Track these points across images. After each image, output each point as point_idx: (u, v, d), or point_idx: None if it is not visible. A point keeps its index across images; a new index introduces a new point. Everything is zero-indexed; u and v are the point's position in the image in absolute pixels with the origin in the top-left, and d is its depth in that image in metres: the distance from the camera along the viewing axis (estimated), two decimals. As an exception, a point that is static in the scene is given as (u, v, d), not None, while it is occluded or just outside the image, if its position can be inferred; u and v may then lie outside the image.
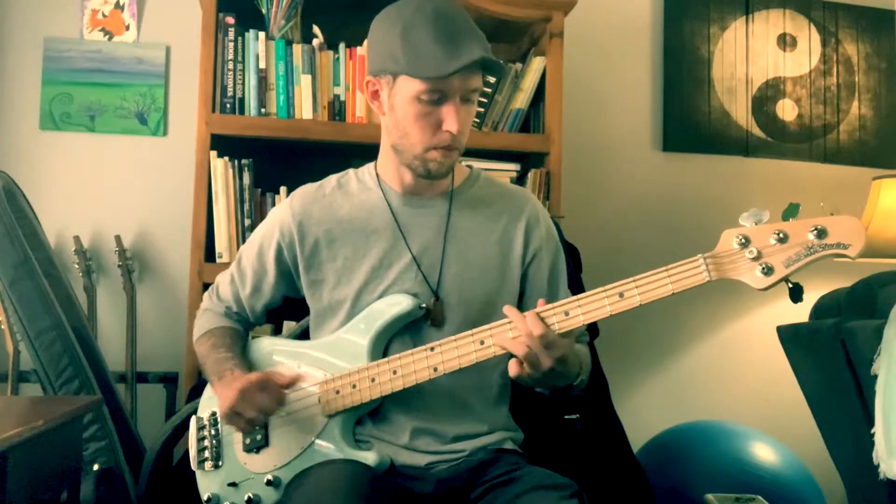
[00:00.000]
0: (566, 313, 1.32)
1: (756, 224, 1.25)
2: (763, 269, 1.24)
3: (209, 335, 1.58)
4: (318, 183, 1.58)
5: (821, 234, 1.22)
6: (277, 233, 1.54)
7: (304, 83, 2.29)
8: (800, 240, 1.23)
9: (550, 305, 1.33)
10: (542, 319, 1.31)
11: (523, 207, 1.55)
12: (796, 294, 1.24)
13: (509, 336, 1.33)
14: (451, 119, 1.38)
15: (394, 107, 1.42)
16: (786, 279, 1.24)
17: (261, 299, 1.60)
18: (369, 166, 1.58)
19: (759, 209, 1.26)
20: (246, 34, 2.28)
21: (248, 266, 1.59)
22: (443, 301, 1.47)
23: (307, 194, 1.56)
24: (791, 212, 1.25)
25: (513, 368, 1.32)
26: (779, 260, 1.24)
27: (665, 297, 1.28)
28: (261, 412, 1.39)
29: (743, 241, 1.25)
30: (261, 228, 1.59)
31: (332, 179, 1.59)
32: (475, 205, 1.54)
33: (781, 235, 1.24)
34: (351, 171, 1.59)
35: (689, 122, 2.95)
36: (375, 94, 1.46)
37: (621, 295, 1.29)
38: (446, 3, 1.41)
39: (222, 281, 1.64)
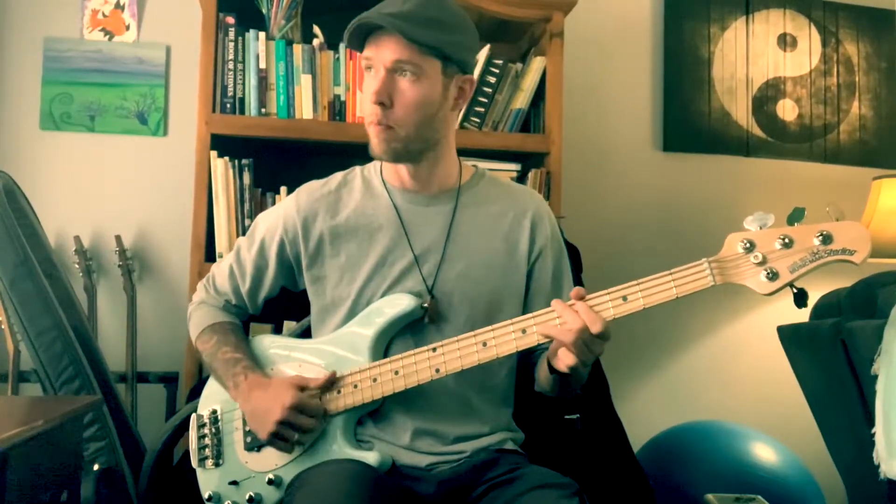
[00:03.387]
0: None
1: (761, 228, 1.25)
2: (768, 273, 1.24)
3: (211, 331, 1.56)
4: (324, 180, 1.58)
5: (826, 239, 1.22)
6: (281, 228, 1.54)
7: (304, 83, 2.29)
8: (805, 245, 1.23)
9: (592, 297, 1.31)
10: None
11: (528, 206, 1.55)
12: (801, 299, 1.24)
13: (555, 324, 1.31)
14: (369, 85, 1.40)
15: None
16: (790, 284, 1.25)
17: (261, 292, 1.59)
18: (375, 164, 1.57)
19: (764, 213, 1.26)
20: (246, 34, 2.28)
21: (247, 259, 1.58)
22: (438, 300, 1.46)
23: (313, 191, 1.56)
24: (796, 216, 1.25)
25: (568, 358, 1.29)
26: (784, 265, 1.24)
27: (668, 300, 1.28)
28: (305, 433, 1.40)
29: (748, 245, 1.25)
30: (263, 221, 1.58)
31: (338, 176, 1.58)
32: (480, 203, 1.53)
33: (787, 240, 1.24)
34: (357, 168, 1.59)
35: (689, 122, 2.95)
36: None
37: (625, 298, 1.29)
38: None
39: (219, 272, 1.62)
